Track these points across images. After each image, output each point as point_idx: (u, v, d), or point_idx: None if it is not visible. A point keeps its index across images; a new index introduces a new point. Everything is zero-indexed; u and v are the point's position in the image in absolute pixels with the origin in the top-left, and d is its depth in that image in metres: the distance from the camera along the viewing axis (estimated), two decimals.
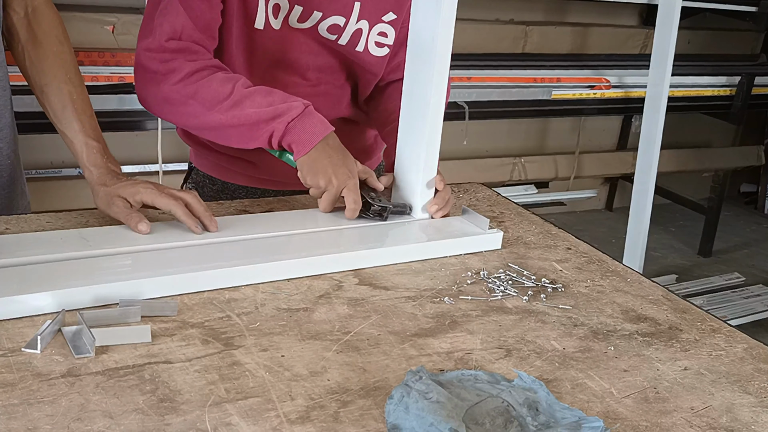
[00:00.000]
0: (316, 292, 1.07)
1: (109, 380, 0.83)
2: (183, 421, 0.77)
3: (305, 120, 1.28)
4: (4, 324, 0.91)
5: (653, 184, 3.38)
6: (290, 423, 0.79)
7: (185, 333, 0.93)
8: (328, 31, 1.39)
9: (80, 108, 1.23)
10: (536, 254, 1.29)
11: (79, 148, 1.22)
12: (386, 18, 1.43)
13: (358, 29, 1.40)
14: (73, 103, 1.22)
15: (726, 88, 4.00)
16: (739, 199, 5.18)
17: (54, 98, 1.22)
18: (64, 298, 0.94)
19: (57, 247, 1.06)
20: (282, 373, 0.87)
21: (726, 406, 0.92)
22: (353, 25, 1.39)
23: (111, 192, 1.17)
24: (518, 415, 0.83)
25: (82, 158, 1.22)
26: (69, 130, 1.22)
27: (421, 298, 1.09)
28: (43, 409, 0.77)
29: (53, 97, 1.22)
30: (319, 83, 1.45)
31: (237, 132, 1.30)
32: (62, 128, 1.23)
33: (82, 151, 1.21)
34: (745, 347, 1.06)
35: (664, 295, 1.19)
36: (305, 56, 1.42)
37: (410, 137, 1.31)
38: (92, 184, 1.20)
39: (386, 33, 1.44)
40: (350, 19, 1.39)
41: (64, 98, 1.22)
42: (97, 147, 1.22)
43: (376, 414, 0.82)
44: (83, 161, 1.21)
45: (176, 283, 1.02)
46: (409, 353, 0.95)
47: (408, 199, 1.33)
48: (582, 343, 1.02)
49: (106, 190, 1.17)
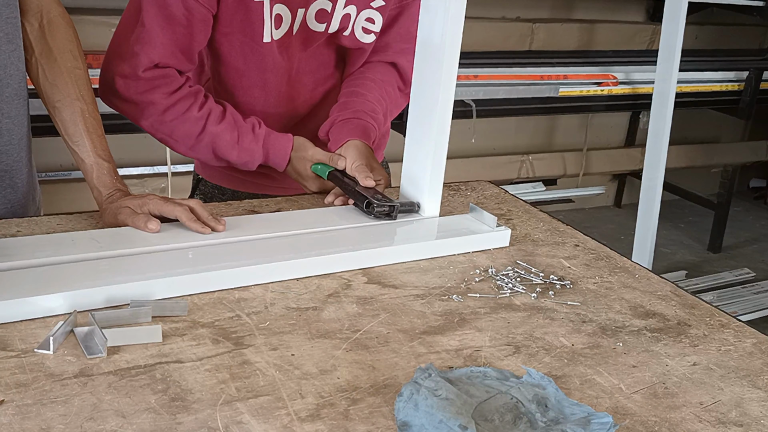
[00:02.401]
0: (325, 291, 1.08)
1: (121, 380, 0.83)
2: (194, 420, 0.78)
3: (271, 142, 1.40)
4: (16, 325, 0.91)
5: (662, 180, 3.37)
6: (301, 421, 0.80)
7: (196, 333, 0.94)
8: (316, 19, 1.39)
9: (91, 127, 1.23)
10: (544, 251, 1.29)
11: (89, 167, 1.23)
12: (374, 4, 1.43)
13: (346, 14, 1.41)
14: (84, 122, 1.23)
15: (734, 83, 3.98)
16: (748, 194, 5.16)
17: (66, 115, 1.23)
18: (76, 299, 0.95)
19: (68, 249, 1.07)
20: (292, 372, 0.88)
21: (735, 401, 0.92)
22: (341, 10, 1.40)
23: (118, 205, 1.18)
24: (527, 412, 0.83)
25: (91, 178, 1.23)
26: (80, 148, 1.23)
27: (430, 296, 1.09)
28: (56, 409, 0.78)
29: (65, 113, 1.23)
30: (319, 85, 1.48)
31: (227, 163, 1.42)
32: (73, 146, 1.23)
33: (92, 171, 1.23)
34: (754, 342, 1.06)
35: (672, 290, 1.19)
36: (307, 63, 1.44)
37: (419, 135, 1.31)
38: (100, 204, 1.22)
39: (373, 19, 1.45)
40: (337, 3, 1.39)
41: (76, 116, 1.23)
42: (107, 167, 1.23)
43: (385, 411, 0.83)
44: (92, 181, 1.23)
45: (186, 284, 1.02)
46: (418, 351, 0.95)
47: (416, 197, 1.33)
48: (590, 339, 1.02)
49: (113, 207, 1.19)
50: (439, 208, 1.34)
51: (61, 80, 1.24)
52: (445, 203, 1.39)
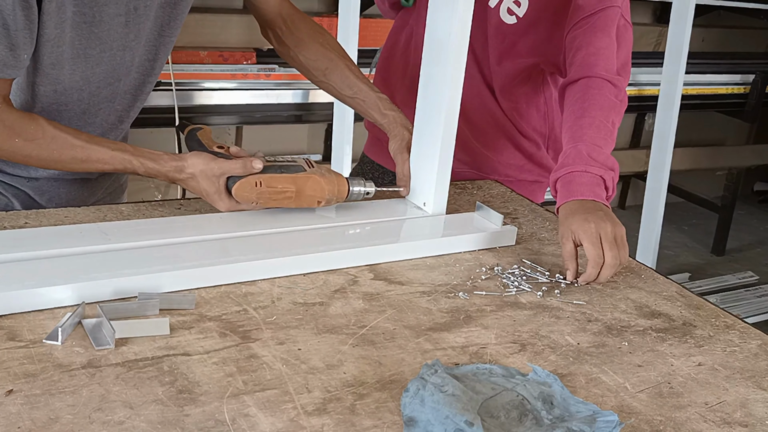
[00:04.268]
0: (331, 287, 1.08)
1: (129, 371, 0.84)
2: (202, 412, 0.78)
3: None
4: (25, 316, 0.92)
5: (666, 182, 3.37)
6: (307, 415, 0.80)
7: (203, 326, 0.94)
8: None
9: (358, 73, 1.45)
10: (550, 250, 1.29)
11: (373, 102, 1.42)
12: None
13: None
14: (352, 72, 1.44)
15: (740, 86, 3.98)
16: (752, 197, 5.15)
17: (336, 77, 1.44)
18: (84, 290, 0.96)
19: (77, 241, 1.07)
20: (299, 366, 0.88)
21: (740, 401, 0.92)
22: None
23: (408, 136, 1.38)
24: (533, 409, 0.84)
25: (379, 109, 1.42)
26: (360, 93, 1.43)
27: (436, 293, 1.10)
28: (65, 399, 0.78)
29: (335, 76, 1.44)
30: None
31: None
32: (352, 95, 1.44)
33: (377, 104, 1.42)
34: (760, 343, 1.06)
35: (678, 291, 1.19)
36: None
37: (426, 133, 1.31)
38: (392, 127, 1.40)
39: (520, 2, 1.48)
40: None
41: (345, 71, 1.44)
42: (386, 98, 1.44)
43: (392, 407, 0.83)
44: (381, 110, 1.42)
45: (194, 277, 1.03)
46: (425, 347, 0.96)
47: (423, 194, 1.34)
48: (596, 338, 1.03)
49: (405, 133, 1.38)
50: (445, 206, 1.34)
51: (320, 54, 1.45)
52: (451, 201, 1.39)
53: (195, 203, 1.29)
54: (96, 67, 1.20)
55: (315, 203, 1.24)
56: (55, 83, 1.18)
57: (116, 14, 1.16)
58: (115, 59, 1.22)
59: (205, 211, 1.26)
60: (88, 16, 1.13)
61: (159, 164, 1.18)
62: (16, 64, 1.08)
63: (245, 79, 2.80)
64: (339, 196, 1.26)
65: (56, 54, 1.14)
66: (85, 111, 1.25)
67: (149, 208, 1.25)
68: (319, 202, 1.24)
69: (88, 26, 1.14)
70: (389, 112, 1.41)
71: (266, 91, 2.80)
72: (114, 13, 1.16)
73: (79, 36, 1.14)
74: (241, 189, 1.19)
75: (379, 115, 1.42)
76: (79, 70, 1.18)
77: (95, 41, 1.16)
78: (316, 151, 3.46)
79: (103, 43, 1.18)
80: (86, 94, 1.23)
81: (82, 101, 1.23)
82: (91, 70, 1.20)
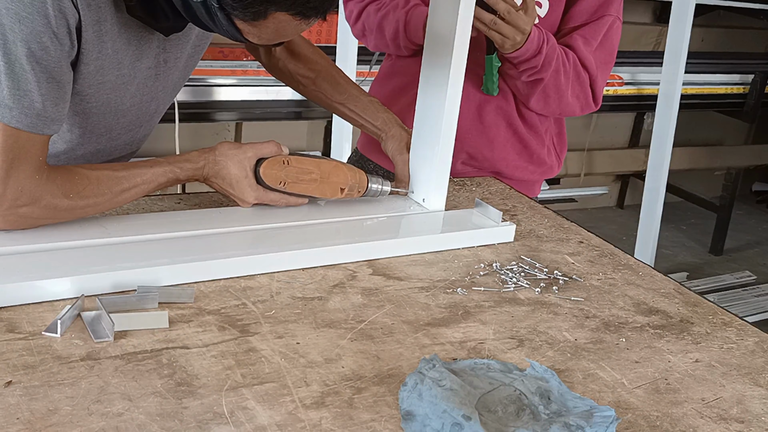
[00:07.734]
0: (330, 282, 1.08)
1: (128, 364, 0.84)
2: (200, 405, 0.79)
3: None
4: (24, 308, 0.92)
5: (665, 181, 3.38)
6: (305, 408, 0.80)
7: (202, 319, 0.95)
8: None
9: (348, 79, 1.45)
10: (548, 247, 1.29)
11: (365, 105, 1.42)
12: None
13: None
14: (342, 78, 1.45)
15: (739, 86, 3.98)
16: (750, 197, 5.16)
17: (325, 83, 1.43)
18: (83, 283, 0.96)
19: (76, 234, 1.07)
20: (297, 360, 0.89)
21: (737, 397, 0.92)
22: None
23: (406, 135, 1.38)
24: (530, 404, 0.84)
25: (371, 111, 1.42)
26: (349, 100, 1.43)
27: (434, 289, 1.10)
28: (64, 390, 0.78)
29: (324, 82, 1.43)
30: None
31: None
32: (343, 100, 1.43)
33: (369, 106, 1.42)
34: (756, 341, 1.06)
35: (675, 288, 1.20)
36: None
37: (426, 130, 1.32)
38: (387, 128, 1.41)
39: (541, 3, 1.51)
40: None
41: (333, 78, 1.44)
42: (377, 101, 1.44)
43: (389, 401, 0.83)
44: (374, 112, 1.42)
45: (193, 271, 1.03)
46: (423, 342, 0.96)
47: (422, 191, 1.34)
48: (594, 334, 1.03)
49: (403, 132, 1.39)
50: (444, 202, 1.34)
51: (309, 63, 1.44)
52: (450, 198, 1.40)
53: (194, 198, 1.29)
54: (122, 118, 1.19)
55: (338, 191, 1.25)
56: (76, 130, 1.17)
57: (147, 67, 1.16)
58: (141, 110, 1.22)
59: (205, 205, 1.26)
60: (126, 77, 1.13)
61: (193, 162, 1.16)
62: (60, 118, 1.04)
63: (245, 75, 2.79)
64: (360, 188, 1.27)
65: (82, 107, 1.13)
66: (100, 151, 1.24)
67: (148, 202, 1.25)
68: (342, 189, 1.25)
69: (125, 86, 1.14)
70: (382, 114, 1.42)
71: (266, 88, 2.80)
72: (146, 67, 1.15)
73: (116, 95, 1.14)
74: (269, 167, 1.19)
75: (372, 117, 1.42)
76: (104, 121, 1.18)
77: (127, 97, 1.16)
78: (315, 148, 3.46)
79: (134, 97, 1.17)
80: (105, 139, 1.22)
81: (100, 144, 1.22)
82: (117, 121, 1.19)
